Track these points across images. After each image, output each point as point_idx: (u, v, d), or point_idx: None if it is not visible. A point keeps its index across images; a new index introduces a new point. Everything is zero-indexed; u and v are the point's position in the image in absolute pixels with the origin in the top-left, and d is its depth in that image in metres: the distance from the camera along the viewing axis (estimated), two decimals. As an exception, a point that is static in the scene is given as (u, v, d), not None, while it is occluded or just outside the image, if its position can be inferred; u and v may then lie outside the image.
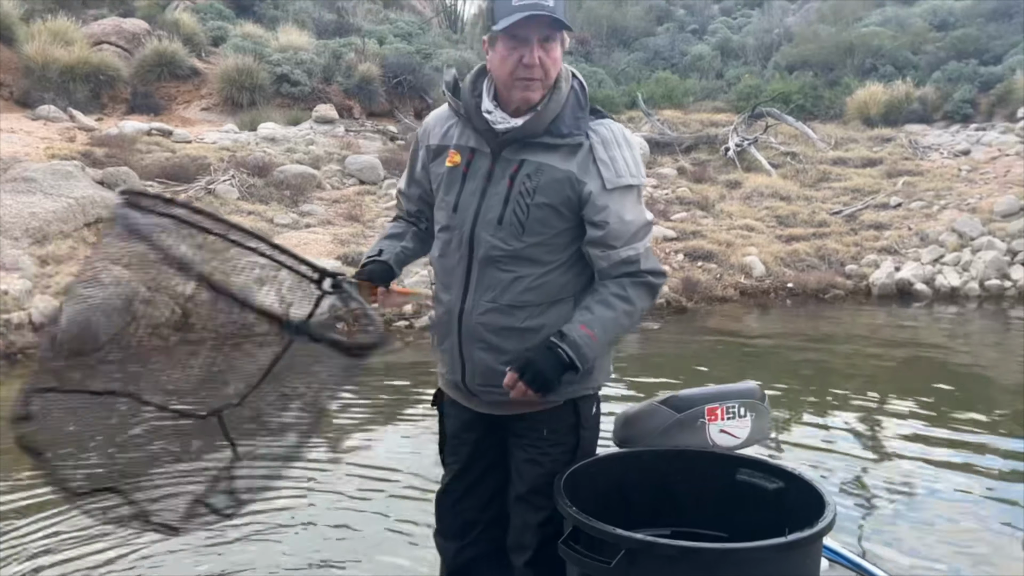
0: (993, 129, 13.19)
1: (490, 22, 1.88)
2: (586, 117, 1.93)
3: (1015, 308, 8.26)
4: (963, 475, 4.17)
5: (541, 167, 1.89)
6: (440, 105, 2.15)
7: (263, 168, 9.98)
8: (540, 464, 2.04)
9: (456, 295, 2.00)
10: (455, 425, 2.19)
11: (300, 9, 18.00)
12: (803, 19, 20.32)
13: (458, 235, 1.98)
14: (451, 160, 1.96)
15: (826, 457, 4.41)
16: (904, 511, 3.77)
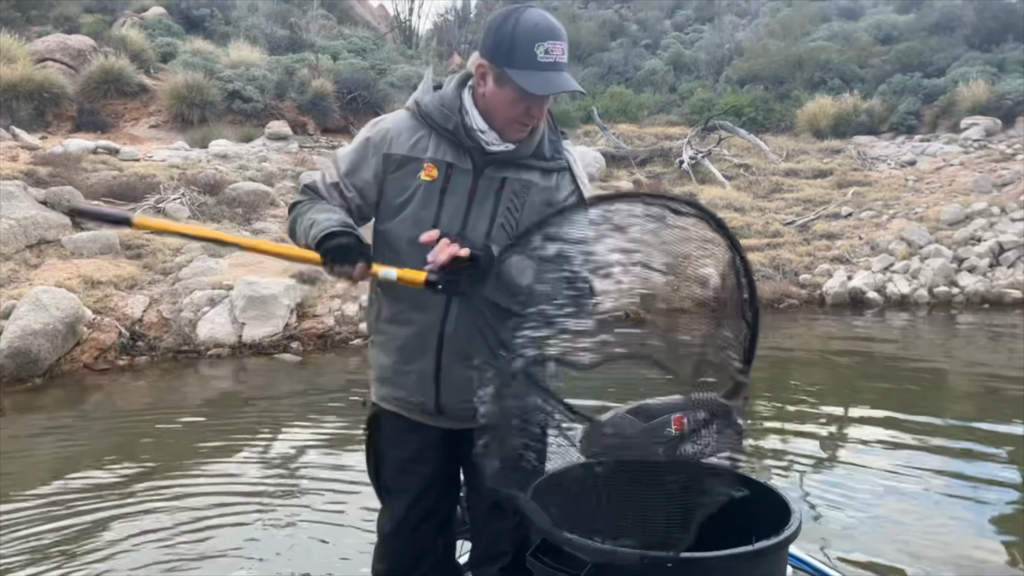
0: (937, 140, 13.55)
1: (503, 58, 1.81)
2: (559, 140, 1.99)
3: (963, 314, 8.45)
4: (919, 477, 4.24)
5: (527, 185, 1.91)
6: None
7: (215, 186, 9.79)
8: None
9: (436, 315, 1.93)
10: (414, 447, 2.08)
11: (252, 25, 17.82)
12: (753, 34, 20.73)
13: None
14: (428, 174, 1.89)
15: (789, 464, 4.46)
16: (865, 515, 3.81)
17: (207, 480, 4.31)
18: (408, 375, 1.99)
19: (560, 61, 1.81)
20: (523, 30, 1.78)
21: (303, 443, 4.91)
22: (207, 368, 6.55)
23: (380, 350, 2.05)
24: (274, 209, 9.85)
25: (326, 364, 6.71)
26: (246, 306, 6.86)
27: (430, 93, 1.95)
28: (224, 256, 8.01)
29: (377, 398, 2.11)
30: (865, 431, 5.02)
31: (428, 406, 2.01)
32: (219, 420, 5.37)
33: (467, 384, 1.92)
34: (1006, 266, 9.11)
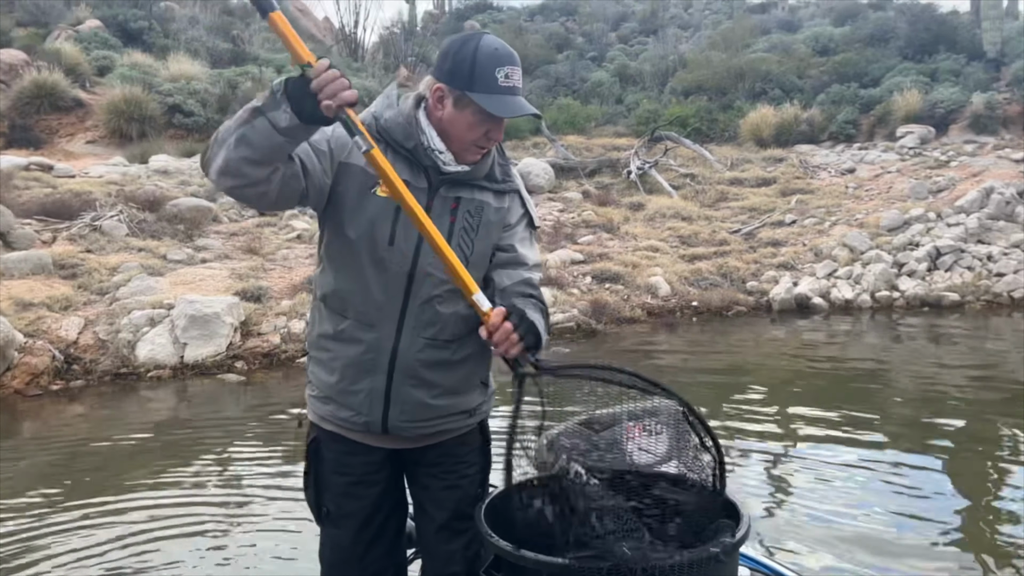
0: (875, 148, 13.93)
1: (463, 81, 1.82)
2: (508, 164, 2.03)
3: (904, 318, 8.66)
4: (866, 475, 4.35)
5: (482, 205, 1.94)
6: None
7: (155, 202, 9.52)
8: (459, 488, 2.04)
9: (387, 332, 1.91)
10: (358, 471, 2.03)
11: (192, 38, 17.48)
12: (696, 46, 21.09)
13: (395, 268, 1.89)
14: (382, 190, 1.84)
15: (739, 467, 4.51)
16: (814, 512, 3.89)
17: (149, 498, 4.19)
18: (356, 394, 1.94)
19: (517, 86, 1.86)
20: (484, 55, 1.82)
21: (249, 461, 4.76)
22: (147, 391, 6.32)
23: (322, 367, 1.98)
24: (217, 225, 9.63)
25: (272, 383, 6.54)
26: (187, 325, 6.65)
27: (392, 110, 1.92)
28: (164, 274, 7.78)
29: (317, 417, 2.04)
30: (811, 432, 5.12)
31: (374, 426, 1.96)
32: (160, 441, 5.18)
33: (417, 404, 1.95)
34: (943, 270, 9.37)
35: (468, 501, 2.01)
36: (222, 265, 8.31)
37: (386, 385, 1.92)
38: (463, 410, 2.02)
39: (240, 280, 7.87)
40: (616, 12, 28.32)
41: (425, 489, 2.07)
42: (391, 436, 1.98)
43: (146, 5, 19.11)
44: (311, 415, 2.06)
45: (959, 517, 3.86)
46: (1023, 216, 10.04)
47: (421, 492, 2.08)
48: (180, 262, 8.23)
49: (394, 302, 1.89)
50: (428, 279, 1.89)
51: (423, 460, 2.05)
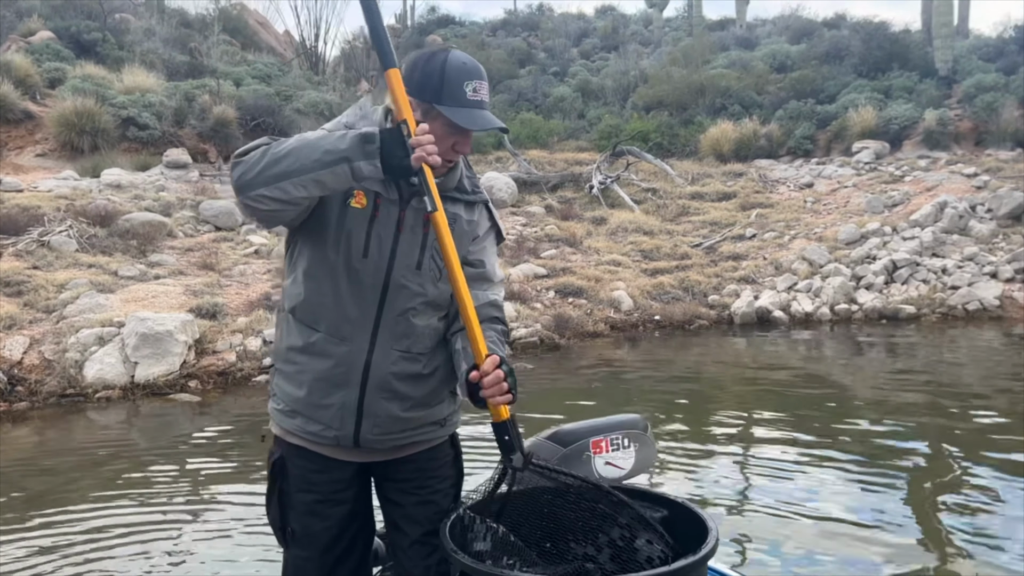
0: (832, 163, 14.16)
1: (431, 94, 1.83)
2: (475, 177, 2.04)
3: (862, 330, 8.75)
4: (829, 485, 4.38)
5: (454, 217, 1.92)
6: None
7: (106, 217, 9.26)
8: (433, 503, 2.01)
9: (360, 345, 1.88)
10: (327, 487, 1.98)
11: (148, 50, 17.16)
12: (656, 61, 21.29)
13: (369, 281, 1.87)
14: (357, 202, 1.86)
15: (706, 480, 4.52)
16: (780, 522, 3.90)
17: (97, 513, 4.06)
18: (327, 408, 1.90)
19: (485, 100, 1.88)
20: (452, 68, 1.83)
21: (204, 481, 4.58)
22: (95, 412, 6.09)
23: (289, 381, 1.94)
24: (172, 240, 9.40)
25: (227, 403, 6.35)
26: (139, 344, 6.44)
27: (366, 120, 1.90)
28: (115, 291, 7.55)
29: (281, 431, 1.98)
30: (776, 444, 5.12)
31: (345, 440, 1.92)
32: (109, 464, 4.97)
33: (389, 417, 1.92)
34: (900, 283, 9.51)
35: (442, 515, 1.97)
36: (176, 281, 8.09)
37: (359, 399, 1.89)
38: (434, 421, 2.00)
39: (195, 296, 7.67)
40: (578, 28, 28.55)
41: (398, 506, 2.03)
42: (361, 450, 1.95)
43: (100, 17, 18.74)
44: (275, 429, 2.00)
45: (914, 515, 3.97)
46: (976, 230, 10.25)
47: (394, 509, 2.04)
48: (132, 278, 8.00)
49: (367, 315, 1.87)
50: (402, 291, 1.88)
51: (394, 476, 2.02)
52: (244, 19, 25.41)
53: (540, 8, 32.09)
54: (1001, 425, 5.38)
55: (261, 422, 5.84)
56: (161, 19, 20.46)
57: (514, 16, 31.33)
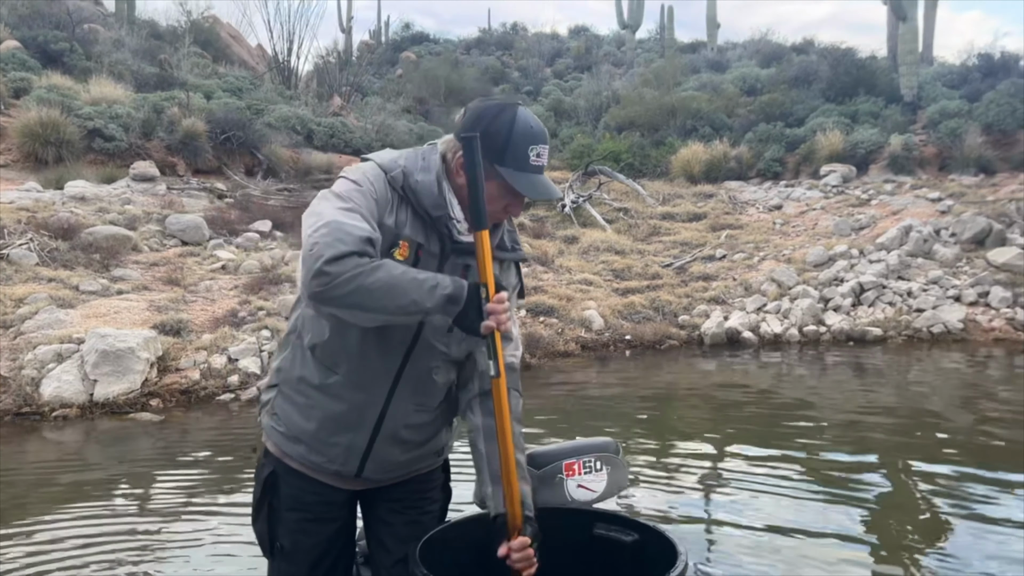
0: (800, 186, 14.35)
1: (495, 154, 1.75)
2: (515, 232, 1.99)
3: (831, 351, 8.82)
4: (801, 507, 4.37)
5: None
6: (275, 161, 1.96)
7: (69, 230, 9.06)
8: (420, 523, 2.02)
9: (378, 396, 1.87)
10: (317, 508, 1.98)
11: (117, 61, 16.92)
12: (629, 82, 21.51)
13: (399, 335, 1.83)
14: (401, 253, 1.79)
15: (677, 502, 4.50)
16: (751, 545, 3.89)
17: (48, 531, 3.86)
18: (333, 446, 1.91)
19: (544, 164, 1.82)
20: (520, 130, 1.77)
21: (160, 503, 4.45)
22: (51, 431, 5.91)
23: (297, 410, 1.92)
24: (136, 255, 9.22)
25: (190, 422, 6.19)
26: (99, 361, 6.27)
27: (427, 172, 1.81)
28: (75, 306, 7.36)
29: (280, 452, 1.97)
30: (747, 465, 5.12)
31: (347, 474, 1.95)
32: (63, 484, 4.81)
33: (392, 460, 1.96)
34: (867, 305, 9.62)
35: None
36: (140, 297, 7.92)
37: (368, 443, 1.91)
38: (434, 451, 2.06)
39: (159, 312, 7.51)
40: (551, 48, 28.81)
41: (387, 525, 2.04)
42: (360, 480, 1.97)
43: (68, 27, 18.47)
44: (272, 448, 1.99)
45: (878, 530, 4.03)
46: (940, 253, 10.42)
47: (382, 527, 2.05)
48: (94, 293, 7.81)
49: (391, 368, 1.86)
50: (429, 350, 1.86)
51: (386, 496, 2.04)
52: (216, 32, 25.22)
53: (514, 27, 32.36)
54: (960, 447, 5.43)
55: (225, 441, 5.71)
56: (131, 30, 20.21)
57: (488, 35, 31.53)
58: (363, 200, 1.74)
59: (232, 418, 6.29)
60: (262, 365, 6.98)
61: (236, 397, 6.62)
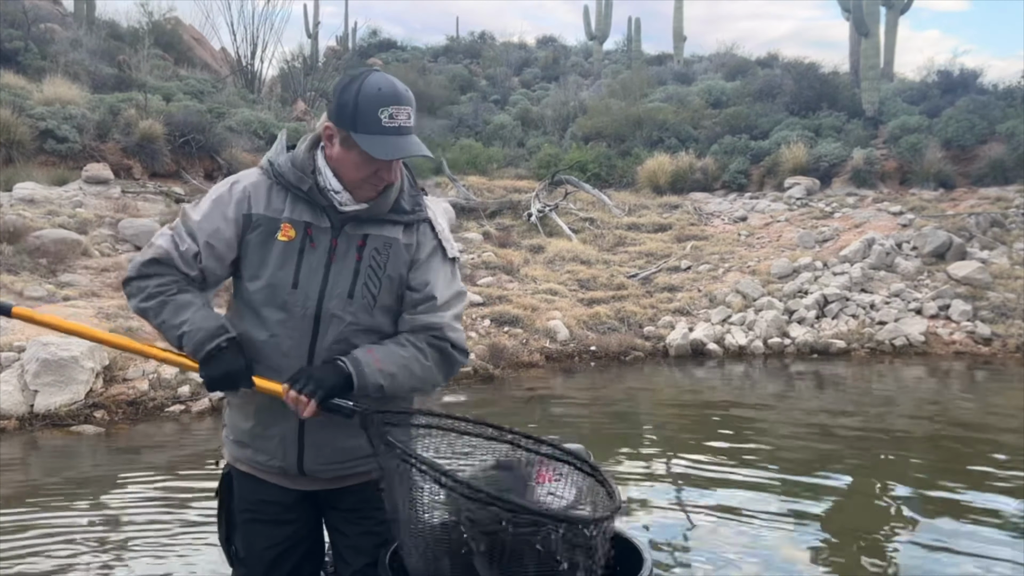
0: (765, 198, 14.42)
1: (347, 121, 1.82)
2: (419, 195, 2.01)
3: (795, 363, 8.81)
4: (757, 514, 4.37)
5: (390, 242, 1.92)
6: (236, 166, 1.91)
7: (15, 233, 8.71)
8: (376, 534, 2.00)
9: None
10: (270, 510, 2.01)
11: (73, 61, 16.47)
12: (596, 93, 21.53)
13: (300, 312, 1.88)
14: (285, 235, 1.87)
15: (642, 509, 4.47)
16: (712, 550, 3.90)
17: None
18: (269, 439, 1.94)
19: (405, 125, 1.83)
20: (366, 95, 1.80)
21: (103, 521, 4.21)
22: (-13, 444, 5.61)
23: (238, 413, 2.00)
24: (86, 259, 8.90)
25: (136, 435, 5.93)
26: (40, 371, 5.99)
27: (283, 154, 1.94)
28: (19, 313, 7.04)
29: (232, 459, 2.05)
30: (709, 474, 5.11)
31: (290, 469, 1.96)
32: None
33: (331, 445, 1.94)
34: (831, 317, 9.63)
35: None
36: (88, 303, 7.63)
37: (298, 429, 1.91)
38: None
39: (107, 320, 7.22)
40: (519, 57, 28.78)
41: (343, 535, 2.04)
42: (307, 478, 1.97)
43: (24, 25, 17.97)
44: (227, 456, 2.07)
45: (839, 544, 4.04)
46: (902, 267, 10.49)
47: (339, 538, 2.06)
48: (39, 300, 7.50)
49: (301, 345, 1.88)
50: (334, 320, 1.88)
51: (339, 505, 2.02)
52: (179, 34, 24.77)
53: (482, 36, 32.29)
54: (922, 458, 5.41)
55: (173, 455, 5.47)
56: (90, 30, 19.72)
57: (456, 43, 31.41)
58: (204, 211, 1.90)
59: (182, 431, 6.04)
60: (215, 375, 6.73)
61: (187, 409, 6.38)
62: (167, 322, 1.85)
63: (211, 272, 1.92)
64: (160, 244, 1.89)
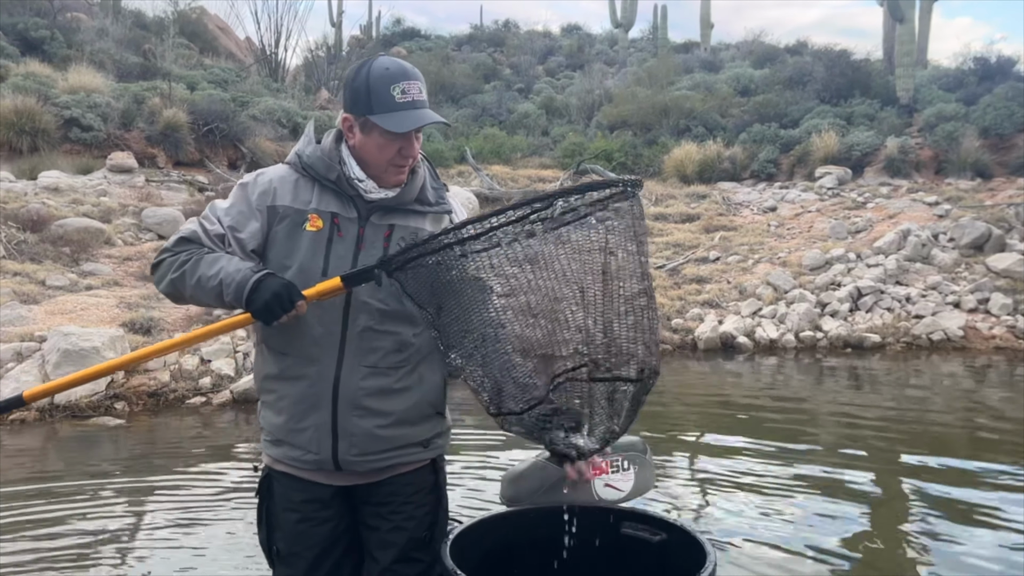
0: (795, 187, 14.10)
1: (363, 106, 1.87)
2: (442, 188, 2.05)
3: (828, 358, 8.56)
4: (802, 508, 4.26)
5: (415, 232, 1.94)
6: (259, 154, 1.81)
7: (38, 221, 8.70)
8: (406, 530, 2.00)
9: (328, 364, 1.90)
10: (308, 508, 1.99)
11: (99, 50, 16.51)
12: (621, 81, 21.23)
13: (330, 300, 1.88)
14: (313, 225, 1.91)
15: (705, 504, 4.37)
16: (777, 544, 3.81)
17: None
18: (303, 432, 1.93)
19: (418, 99, 1.87)
20: (376, 76, 1.85)
21: (128, 524, 4.12)
22: (8, 436, 5.56)
23: (270, 410, 1.99)
24: (109, 248, 8.85)
25: (157, 427, 5.85)
26: (60, 361, 5.92)
27: (312, 145, 1.96)
28: (40, 302, 7.01)
29: (270, 460, 2.04)
30: (766, 467, 4.98)
31: (326, 463, 1.95)
32: (22, 499, 4.48)
33: (366, 436, 1.93)
34: (864, 310, 9.36)
35: (414, 544, 2.00)
36: (110, 292, 7.57)
37: (332, 419, 1.91)
38: (416, 441, 1.99)
39: (129, 310, 7.16)
40: (543, 46, 28.51)
41: (373, 530, 2.03)
42: (344, 473, 1.97)
43: (50, 14, 18.05)
44: (265, 459, 2.06)
45: (869, 541, 3.90)
46: (939, 259, 10.18)
47: (370, 534, 2.04)
48: (61, 288, 7.46)
49: (332, 334, 1.89)
50: (365, 307, 1.89)
51: (371, 499, 2.02)
52: (204, 23, 24.84)
53: (506, 25, 32.04)
54: (954, 462, 5.17)
55: (196, 448, 5.38)
56: (116, 19, 19.79)
57: (480, 31, 31.20)
58: (231, 200, 1.94)
59: (203, 423, 5.96)
60: (236, 366, 6.65)
61: (208, 401, 6.29)
62: (203, 275, 1.83)
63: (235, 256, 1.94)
64: (188, 227, 1.94)
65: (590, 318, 1.74)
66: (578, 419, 1.84)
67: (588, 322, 1.74)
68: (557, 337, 1.77)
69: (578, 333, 1.76)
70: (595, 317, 1.74)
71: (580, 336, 1.76)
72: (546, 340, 1.77)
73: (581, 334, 1.76)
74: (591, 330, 1.75)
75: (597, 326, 1.75)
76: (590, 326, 1.75)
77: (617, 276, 1.72)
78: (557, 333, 1.77)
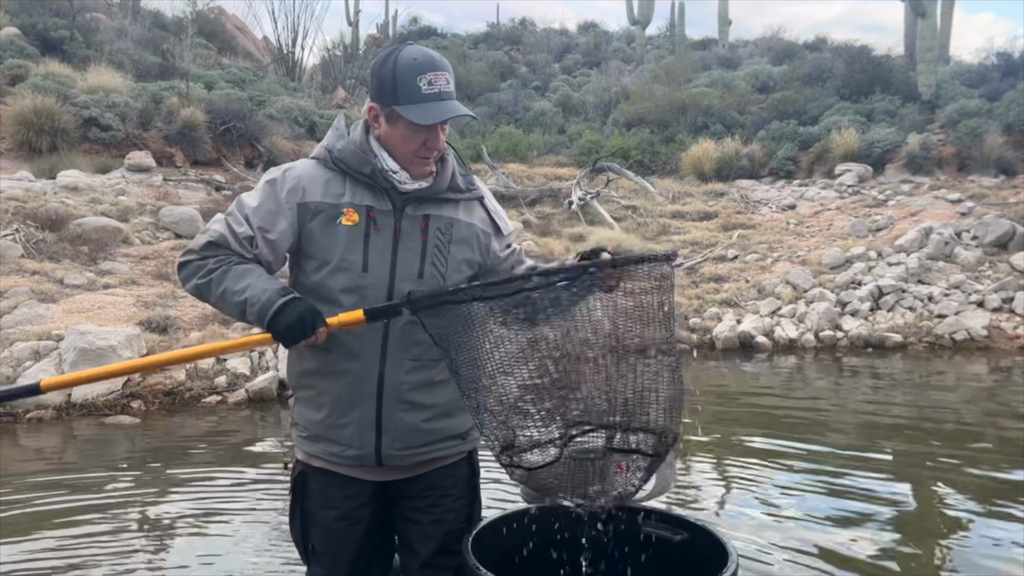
0: (814, 185, 13.94)
1: (389, 96, 1.85)
2: (470, 174, 2.04)
3: (848, 357, 8.44)
4: (822, 507, 4.22)
5: (452, 221, 1.94)
6: (276, 153, 1.78)
7: (57, 220, 8.75)
8: (445, 522, 2.01)
9: (372, 359, 1.89)
10: (348, 505, 1.98)
11: (118, 50, 16.61)
12: (638, 79, 21.11)
13: (372, 294, 1.87)
14: (349, 219, 1.88)
15: (723, 503, 4.33)
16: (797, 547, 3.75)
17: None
18: (345, 427, 1.91)
19: (445, 90, 1.84)
20: (403, 66, 1.82)
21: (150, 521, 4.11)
22: (26, 434, 5.58)
23: (307, 406, 1.97)
24: (126, 247, 8.89)
25: (173, 426, 5.85)
26: (77, 359, 5.94)
27: (343, 139, 1.93)
28: (58, 301, 7.04)
29: (305, 456, 2.01)
30: (786, 469, 4.93)
31: (367, 459, 1.93)
32: (42, 492, 4.48)
33: (410, 430, 1.92)
34: (886, 310, 9.23)
35: (453, 536, 1.99)
36: (127, 291, 7.60)
37: (376, 413, 1.89)
38: (456, 434, 1.99)
39: (146, 308, 7.18)
40: (560, 43, 28.43)
41: (412, 523, 2.03)
42: (384, 468, 1.95)
43: (69, 14, 18.18)
44: (299, 454, 2.03)
45: (895, 544, 3.82)
46: (962, 257, 10.02)
47: (408, 527, 2.04)
48: (79, 287, 7.49)
49: (375, 328, 1.86)
50: None
51: (409, 493, 2.01)
52: (222, 23, 24.92)
53: (523, 23, 31.98)
54: (984, 462, 5.07)
55: (212, 446, 5.38)
56: (135, 20, 19.92)
57: (496, 29, 31.16)
58: (259, 198, 1.88)
59: (218, 422, 5.95)
60: (252, 365, 6.64)
61: (223, 400, 6.29)
62: (228, 289, 1.79)
63: (263, 258, 1.88)
64: (216, 228, 1.87)
65: (611, 383, 1.71)
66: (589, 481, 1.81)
67: (609, 387, 1.71)
68: (572, 400, 1.74)
69: (599, 398, 1.72)
70: (616, 384, 1.71)
71: (600, 403, 1.73)
72: (560, 405, 1.74)
73: (600, 400, 1.72)
74: (612, 397, 1.71)
75: (618, 394, 1.71)
76: (610, 392, 1.71)
77: (643, 346, 1.70)
78: (572, 397, 1.73)
